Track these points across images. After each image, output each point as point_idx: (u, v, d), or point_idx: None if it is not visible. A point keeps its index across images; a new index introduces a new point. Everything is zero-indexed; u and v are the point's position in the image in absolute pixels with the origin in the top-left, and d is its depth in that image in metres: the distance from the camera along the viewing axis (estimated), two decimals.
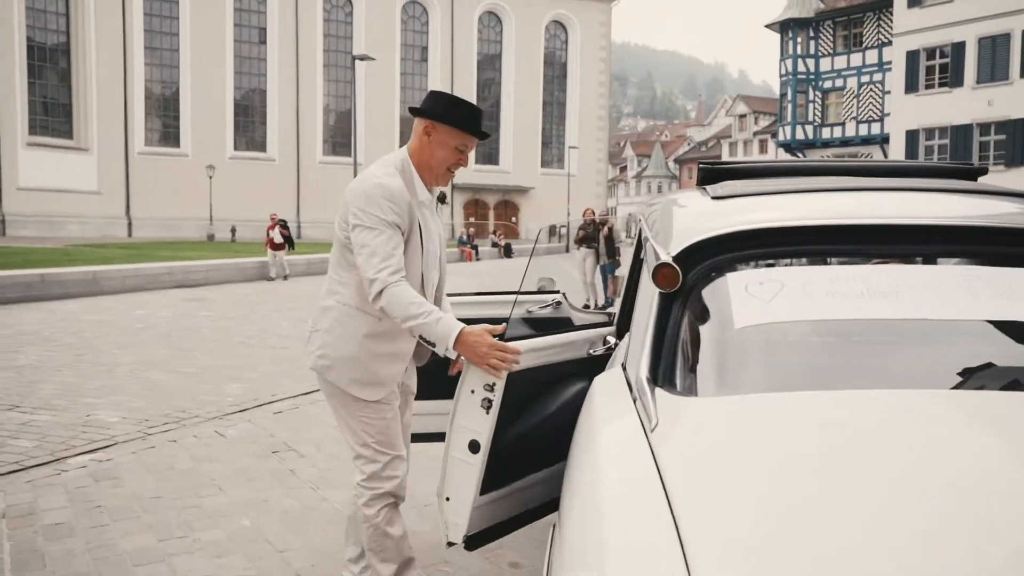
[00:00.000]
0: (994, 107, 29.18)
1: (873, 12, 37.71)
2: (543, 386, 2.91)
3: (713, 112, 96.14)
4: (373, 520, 2.79)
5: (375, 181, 2.66)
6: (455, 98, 2.78)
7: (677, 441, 1.69)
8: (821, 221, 2.10)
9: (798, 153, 41.63)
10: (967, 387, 1.81)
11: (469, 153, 2.84)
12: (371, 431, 2.77)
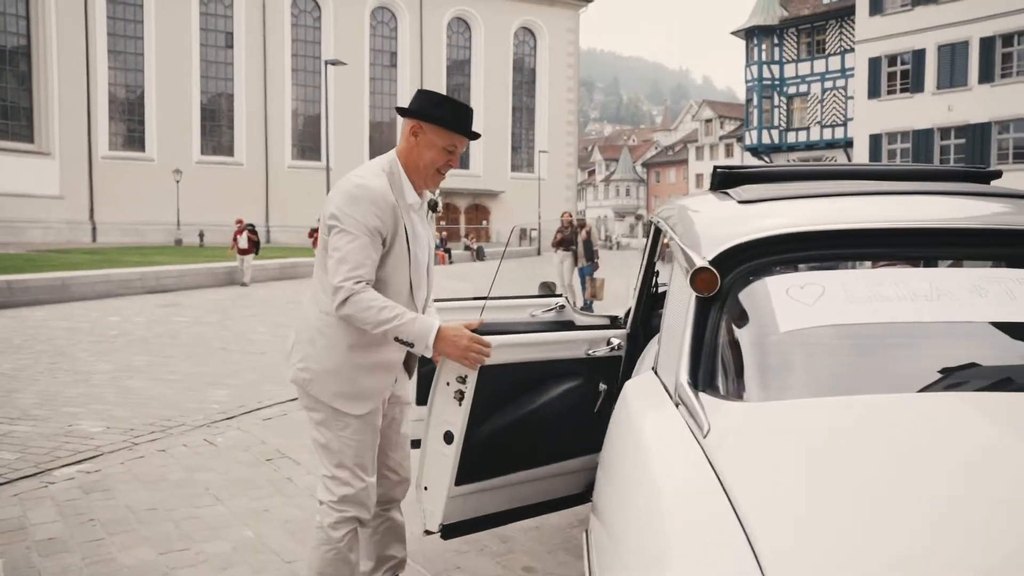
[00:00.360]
0: (954, 112, 29.77)
1: (835, 20, 38.33)
2: (531, 383, 2.92)
3: (679, 117, 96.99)
4: (337, 544, 2.62)
5: (358, 182, 2.53)
6: (443, 96, 2.64)
7: (733, 447, 1.68)
8: (859, 225, 2.11)
9: (764, 157, 42.13)
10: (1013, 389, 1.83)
11: (459, 154, 2.69)
12: (350, 452, 2.61)
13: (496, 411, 2.84)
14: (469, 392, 2.68)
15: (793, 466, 1.60)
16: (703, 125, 71.04)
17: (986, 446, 1.60)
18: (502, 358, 2.74)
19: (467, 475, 2.80)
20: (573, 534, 3.87)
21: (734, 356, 2.02)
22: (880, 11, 32.29)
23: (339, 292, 2.44)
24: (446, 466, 2.75)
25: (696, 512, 1.56)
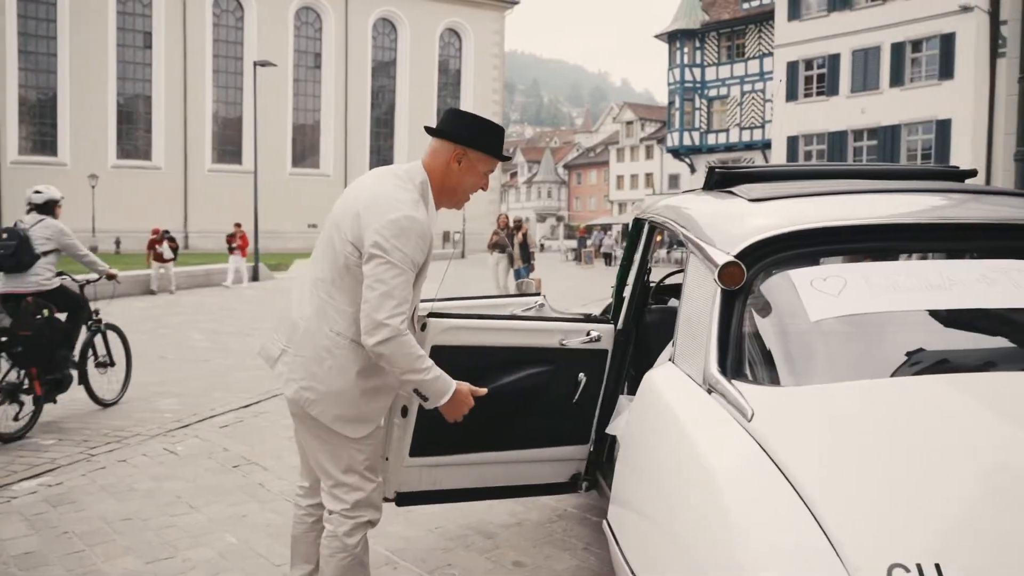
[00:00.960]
0: (867, 115, 31.01)
1: (754, 24, 39.51)
2: (495, 368, 3.05)
3: (600, 119, 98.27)
4: (353, 550, 2.58)
5: (407, 213, 2.39)
6: (487, 122, 2.60)
7: (780, 429, 1.81)
8: (876, 220, 2.27)
9: (685, 159, 43.12)
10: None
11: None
12: (360, 458, 2.58)
13: None
14: None
15: (840, 443, 1.74)
16: (624, 127, 72.05)
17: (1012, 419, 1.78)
18: (457, 340, 2.91)
19: (421, 448, 3.00)
20: (554, 528, 3.97)
21: (764, 345, 2.15)
22: (798, 17, 33.42)
23: (383, 329, 2.31)
24: (402, 437, 2.95)
25: (756, 490, 1.69)
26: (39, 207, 6.26)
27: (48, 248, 6.09)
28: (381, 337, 2.31)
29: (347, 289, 2.45)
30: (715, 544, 1.64)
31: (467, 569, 3.50)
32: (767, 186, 2.73)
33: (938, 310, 2.17)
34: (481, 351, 3.04)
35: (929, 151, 29.68)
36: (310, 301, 2.53)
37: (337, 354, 2.47)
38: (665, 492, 1.96)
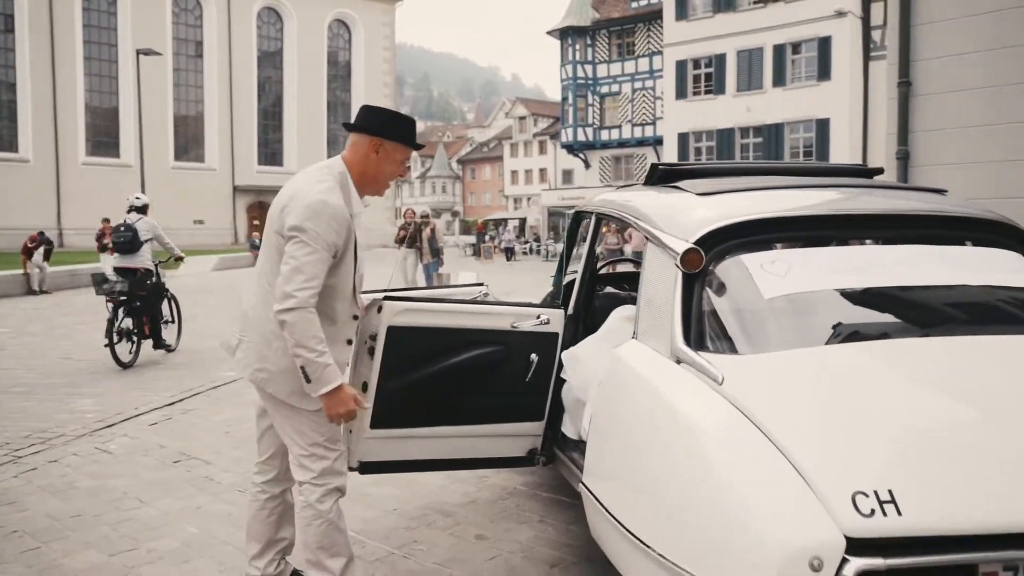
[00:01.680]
0: (752, 113, 32.52)
1: (643, 23, 40.67)
2: (450, 347, 3.29)
3: (492, 114, 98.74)
4: (327, 516, 2.76)
5: (320, 198, 2.61)
6: (398, 114, 2.86)
7: (748, 390, 2.09)
8: (811, 212, 2.59)
9: (579, 154, 44.01)
10: (942, 333, 2.36)
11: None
12: (320, 430, 2.76)
13: (412, 368, 3.21)
14: (379, 347, 3.11)
15: (800, 399, 2.04)
16: (517, 122, 72.71)
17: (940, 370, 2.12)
18: (412, 321, 3.15)
19: (382, 421, 3.22)
20: (507, 504, 4.17)
21: (722, 320, 2.43)
22: (685, 17, 34.66)
23: (289, 300, 2.53)
24: (362, 411, 3.12)
25: (736, 440, 1.97)
26: (138, 208, 8.84)
27: (148, 237, 8.71)
28: (286, 306, 2.53)
29: None
30: (705, 488, 1.90)
31: (432, 544, 3.66)
32: (710, 182, 3.02)
33: (866, 288, 2.50)
34: (435, 332, 3.24)
35: (810, 148, 31.40)
36: (256, 292, 2.78)
37: (282, 334, 2.63)
38: (652, 450, 2.21)
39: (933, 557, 1.70)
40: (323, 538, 2.77)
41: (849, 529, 1.69)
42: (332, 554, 2.79)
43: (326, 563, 2.78)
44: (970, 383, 2.07)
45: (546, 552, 3.55)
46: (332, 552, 2.79)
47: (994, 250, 2.60)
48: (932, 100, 8.02)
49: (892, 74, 8.32)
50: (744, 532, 1.77)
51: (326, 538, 2.77)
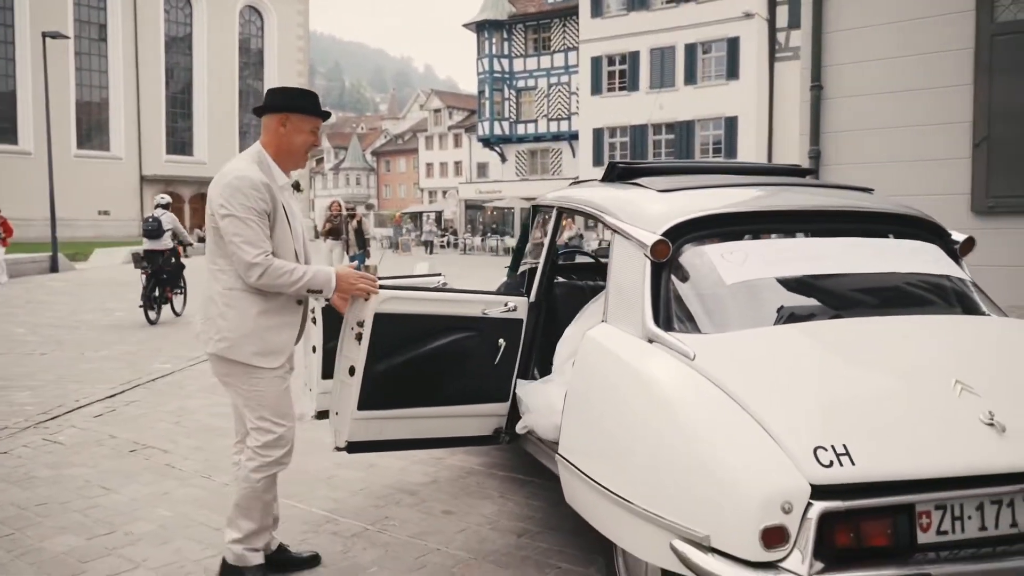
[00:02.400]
0: (665, 110, 33.43)
1: (559, 19, 41.21)
2: (428, 332, 3.55)
3: (407, 106, 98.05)
4: (254, 484, 3.06)
5: (237, 174, 2.95)
6: (298, 89, 3.21)
7: (718, 364, 2.40)
8: (763, 208, 2.93)
9: (496, 148, 44.30)
10: (876, 314, 2.73)
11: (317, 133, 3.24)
12: (267, 403, 3.05)
13: (395, 353, 3.47)
14: (366, 333, 3.37)
15: (764, 370, 2.37)
16: (432, 115, 72.50)
17: (872, 345, 2.48)
18: (396, 308, 3.40)
19: (368, 403, 3.46)
20: (468, 483, 4.42)
21: (687, 304, 2.74)
22: (600, 14, 35.33)
23: (254, 268, 2.90)
24: (350, 394, 3.42)
25: (711, 407, 2.28)
26: (163, 206, 11.67)
27: (169, 227, 11.40)
28: (256, 273, 2.92)
29: (224, 252, 3.00)
30: (687, 447, 2.21)
31: (403, 520, 3.88)
32: (667, 179, 3.34)
33: (811, 275, 2.86)
34: (417, 318, 3.49)
35: (720, 145, 32.52)
36: (208, 275, 3.08)
37: (235, 304, 3.00)
38: (633, 418, 2.50)
39: (881, 499, 2.04)
40: (243, 500, 3.10)
41: (812, 478, 2.01)
42: (246, 516, 3.11)
43: (238, 522, 3.12)
44: (901, 355, 2.44)
45: (511, 524, 3.82)
46: (247, 514, 3.11)
47: (916, 242, 3.00)
48: (841, 103, 8.61)
49: (805, 78, 8.87)
50: (724, 483, 2.07)
51: (247, 500, 3.10)
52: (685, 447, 2.22)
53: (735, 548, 2.01)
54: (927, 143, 7.90)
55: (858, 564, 2.01)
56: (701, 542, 2.09)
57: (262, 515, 3.13)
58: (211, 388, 6.98)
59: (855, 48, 8.47)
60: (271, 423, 3.06)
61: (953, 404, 2.22)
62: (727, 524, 2.04)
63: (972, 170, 7.70)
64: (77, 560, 3.45)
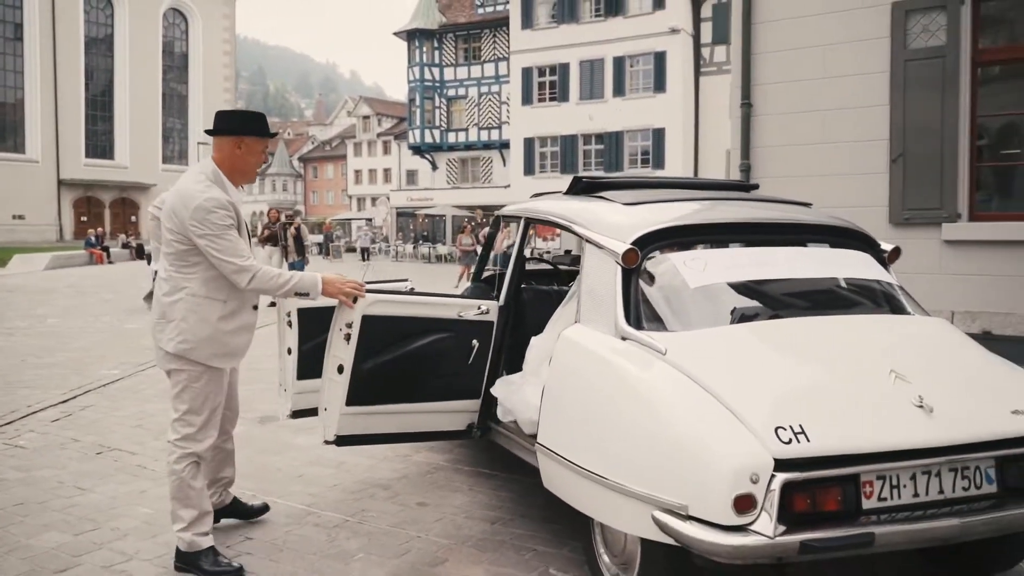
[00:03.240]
0: (594, 121, 34.16)
1: (490, 29, 41.66)
2: (407, 333, 3.83)
3: (334, 112, 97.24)
4: (180, 474, 3.37)
5: (204, 196, 3.25)
6: (250, 113, 3.58)
7: (688, 358, 2.73)
8: (720, 220, 3.29)
9: (427, 155, 44.44)
10: (819, 313, 3.11)
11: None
12: (198, 401, 3.37)
13: (381, 352, 3.73)
14: (355, 333, 3.63)
15: (729, 362, 2.70)
16: (361, 121, 72.09)
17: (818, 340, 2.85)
18: (382, 311, 3.67)
19: (355, 399, 3.72)
20: (436, 477, 4.65)
21: (654, 305, 3.06)
22: (531, 26, 35.91)
23: (244, 273, 3.26)
24: (338, 391, 3.68)
25: (684, 395, 2.61)
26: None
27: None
28: (246, 279, 3.27)
29: (190, 264, 3.31)
30: (664, 429, 2.54)
31: (381, 511, 4.10)
32: (631, 193, 3.68)
33: (767, 279, 3.23)
34: (401, 320, 3.75)
35: (648, 156, 33.40)
36: (167, 281, 3.36)
37: (196, 309, 3.32)
38: (612, 407, 2.80)
39: (832, 471, 2.39)
40: (175, 491, 3.40)
41: (775, 453, 2.35)
42: (184, 505, 3.40)
43: (179, 512, 3.40)
44: (844, 348, 2.81)
45: (484, 513, 4.08)
46: (184, 504, 3.39)
47: (850, 251, 3.39)
48: (770, 120, 9.15)
49: (735, 96, 9.40)
50: (700, 459, 2.39)
51: (179, 492, 3.39)
52: (663, 430, 2.54)
53: (711, 515, 2.33)
54: (849, 159, 8.49)
55: (813, 526, 2.35)
56: (680, 511, 2.41)
57: (199, 501, 3.42)
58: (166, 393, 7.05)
59: (782, 69, 9.03)
60: (194, 417, 3.38)
61: (889, 390, 2.59)
62: (703, 495, 2.35)
63: (889, 184, 8.30)
64: (69, 555, 3.57)
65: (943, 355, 2.91)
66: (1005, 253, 7.23)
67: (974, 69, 8.04)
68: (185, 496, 3.38)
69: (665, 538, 2.47)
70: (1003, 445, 2.58)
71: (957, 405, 2.60)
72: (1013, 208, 8.29)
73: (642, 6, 33.18)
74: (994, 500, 2.57)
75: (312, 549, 3.62)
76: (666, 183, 4.11)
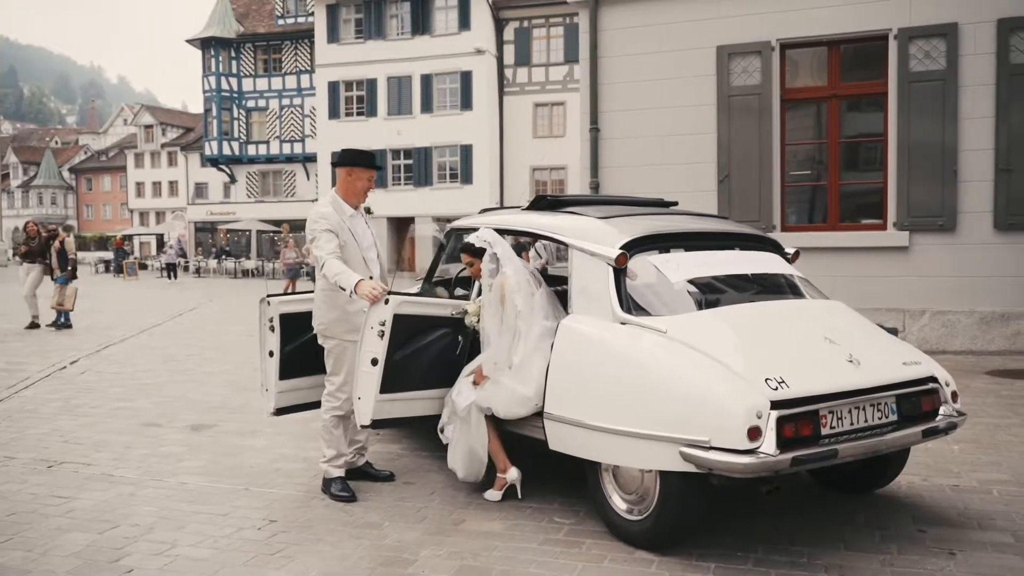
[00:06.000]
0: (403, 136, 34.78)
1: (291, 41, 41.11)
2: (422, 330, 4.49)
3: (110, 120, 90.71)
4: (327, 422, 4.58)
5: (313, 211, 4.56)
6: (356, 150, 4.72)
7: (687, 334, 3.59)
8: (683, 229, 4.20)
9: (224, 168, 42.97)
10: (766, 299, 4.10)
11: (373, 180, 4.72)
12: (336, 367, 4.56)
13: (406, 346, 4.33)
14: (387, 330, 4.23)
15: (721, 336, 3.58)
16: (143, 131, 67.91)
17: (771, 318, 3.82)
18: (407, 310, 4.30)
19: (386, 387, 4.29)
20: (404, 462, 5.17)
21: (642, 297, 3.89)
22: (336, 40, 35.97)
23: (320, 259, 4.38)
24: (372, 381, 4.25)
25: (693, 360, 3.45)
26: None
27: None
28: (320, 263, 4.39)
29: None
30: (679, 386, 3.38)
31: (377, 492, 4.58)
32: (597, 209, 4.50)
33: (724, 275, 4.17)
34: (418, 318, 4.37)
35: (456, 171, 34.52)
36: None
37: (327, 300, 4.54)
38: (632, 376, 3.58)
39: (804, 408, 3.31)
40: (323, 433, 4.64)
41: (769, 396, 3.24)
42: (328, 444, 4.59)
43: (323, 449, 4.62)
44: (791, 323, 3.81)
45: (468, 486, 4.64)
46: (328, 443, 4.59)
47: (769, 253, 4.42)
48: (616, 143, 10.38)
49: (585, 121, 10.55)
50: (718, 404, 3.23)
51: (326, 433, 4.61)
52: (684, 387, 3.37)
53: (731, 443, 3.18)
54: (685, 178, 9.86)
55: (796, 447, 3.27)
56: (704, 445, 3.24)
57: (337, 444, 4.57)
58: (67, 409, 7.02)
59: (626, 99, 10.28)
60: (335, 379, 4.59)
61: (828, 350, 3.59)
62: (725, 429, 3.20)
63: (718, 201, 9.76)
64: (111, 548, 3.81)
65: (850, 325, 3.98)
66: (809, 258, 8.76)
67: (783, 105, 9.68)
68: (331, 436, 4.56)
69: (687, 467, 3.30)
70: (900, 387, 3.66)
71: (871, 359, 3.65)
72: (814, 220, 10.01)
73: (448, 26, 34.33)
74: (895, 425, 3.62)
75: (343, 520, 4.11)
76: (613, 200, 4.99)
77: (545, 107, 34.57)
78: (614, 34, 10.38)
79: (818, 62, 9.76)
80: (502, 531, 3.94)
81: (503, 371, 4.25)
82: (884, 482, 4.30)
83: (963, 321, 8.86)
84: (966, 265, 8.84)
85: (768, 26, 9.55)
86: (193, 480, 4.90)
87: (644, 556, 3.58)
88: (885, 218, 9.26)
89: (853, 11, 9.21)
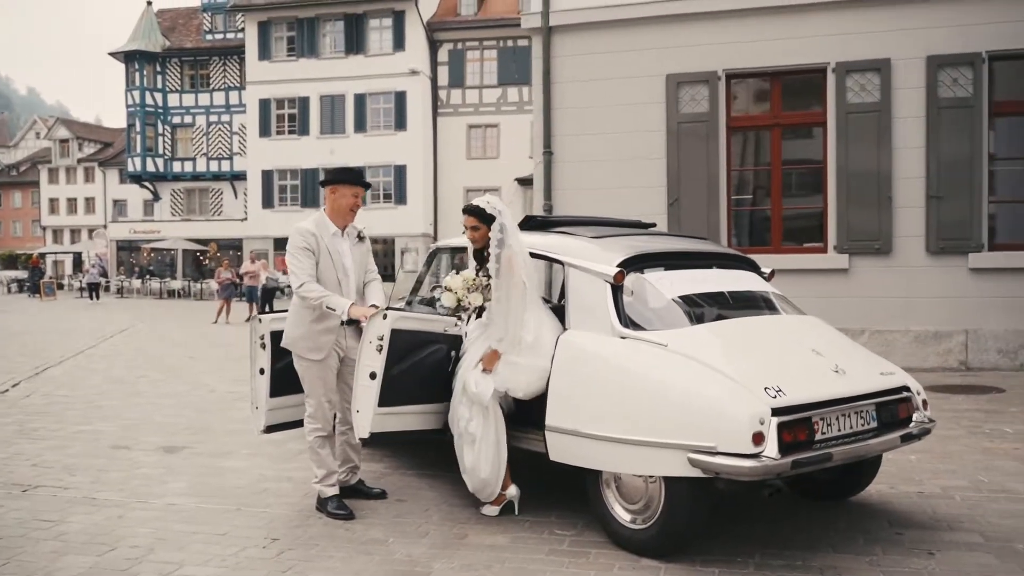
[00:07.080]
0: (336, 155, 34.54)
1: (219, 57, 40.52)
2: (417, 345, 4.59)
3: (21, 133, 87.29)
4: (312, 444, 4.63)
5: (295, 228, 4.55)
6: (341, 168, 4.94)
7: (687, 347, 3.80)
8: (671, 249, 4.44)
9: (148, 185, 41.92)
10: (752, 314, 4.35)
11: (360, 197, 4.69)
12: (312, 386, 4.57)
13: (403, 360, 4.40)
14: (385, 344, 4.33)
15: (717, 348, 3.81)
16: (58, 145, 65.54)
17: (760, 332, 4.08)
18: (404, 326, 4.40)
19: (385, 400, 4.36)
20: (391, 480, 5.22)
21: (639, 313, 4.09)
22: (268, 57, 35.63)
23: (295, 282, 4.45)
24: (371, 395, 4.33)
25: (697, 372, 3.67)
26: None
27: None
28: (296, 285, 4.46)
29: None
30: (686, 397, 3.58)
31: (371, 510, 4.63)
32: (587, 230, 4.69)
33: (711, 292, 4.41)
34: (415, 333, 4.45)
35: (390, 192, 34.48)
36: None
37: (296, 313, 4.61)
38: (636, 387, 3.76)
39: (799, 415, 3.54)
40: (311, 454, 4.68)
41: (770, 404, 3.46)
42: (317, 465, 4.62)
43: (314, 470, 4.65)
44: (779, 336, 4.07)
45: (459, 501, 4.73)
46: (317, 464, 4.63)
47: (748, 272, 4.69)
48: (569, 167, 10.65)
49: (539, 144, 10.79)
50: (724, 412, 3.44)
51: (313, 455, 4.65)
52: (690, 398, 3.57)
53: (737, 448, 3.39)
54: (635, 201, 10.15)
55: (794, 452, 3.49)
56: (710, 451, 3.45)
57: (326, 464, 4.60)
58: (23, 433, 6.86)
59: (578, 123, 10.58)
60: (313, 399, 4.59)
61: (815, 361, 3.85)
62: (731, 435, 3.41)
63: (668, 223, 10.10)
64: (114, 570, 3.78)
65: (831, 339, 4.26)
66: None
67: (728, 132, 10.11)
68: (317, 457, 4.60)
69: (695, 472, 3.49)
70: (879, 395, 3.94)
71: (854, 369, 3.93)
72: (758, 243, 10.45)
73: (383, 47, 34.40)
74: (875, 431, 3.89)
75: (347, 538, 4.16)
76: (598, 221, 5.20)
77: (479, 128, 34.90)
78: (566, 60, 10.67)
79: (762, 92, 10.25)
80: (507, 544, 4.05)
81: (516, 349, 4.26)
82: (858, 490, 4.58)
83: (900, 340, 9.39)
84: (901, 286, 9.38)
85: (715, 57, 9.98)
86: (181, 501, 4.86)
87: (650, 563, 3.74)
88: (826, 241, 9.76)
89: (795, 44, 9.71)
